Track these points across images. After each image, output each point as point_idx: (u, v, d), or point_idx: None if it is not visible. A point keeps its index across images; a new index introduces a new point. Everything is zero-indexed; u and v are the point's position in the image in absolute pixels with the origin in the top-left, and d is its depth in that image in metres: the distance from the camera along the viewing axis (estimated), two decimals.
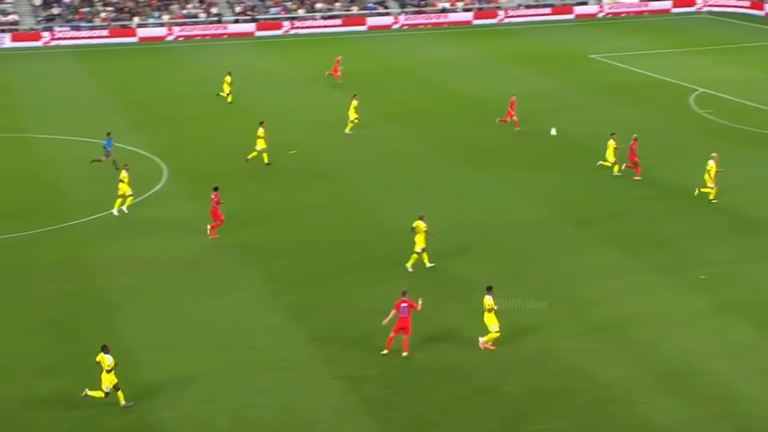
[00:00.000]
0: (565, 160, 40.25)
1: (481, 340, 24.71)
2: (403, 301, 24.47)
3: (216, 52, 65.54)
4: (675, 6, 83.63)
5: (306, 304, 27.50)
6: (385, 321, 24.45)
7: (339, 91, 52.56)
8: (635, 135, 38.27)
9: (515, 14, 79.04)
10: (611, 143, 37.75)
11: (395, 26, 75.71)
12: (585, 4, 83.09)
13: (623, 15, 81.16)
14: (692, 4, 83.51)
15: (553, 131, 43.45)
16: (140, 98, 52.32)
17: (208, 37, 71.20)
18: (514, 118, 44.17)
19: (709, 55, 62.47)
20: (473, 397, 23.02)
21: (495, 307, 24.57)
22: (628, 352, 24.69)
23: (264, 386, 23.54)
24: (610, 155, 37.67)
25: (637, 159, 37.44)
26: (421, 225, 29.34)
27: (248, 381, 23.70)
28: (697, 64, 60.02)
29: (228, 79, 50.60)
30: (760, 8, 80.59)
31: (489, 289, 24.81)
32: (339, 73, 54.63)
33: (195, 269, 29.84)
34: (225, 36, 71.59)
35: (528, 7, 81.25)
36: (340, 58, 55.97)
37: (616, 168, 37.68)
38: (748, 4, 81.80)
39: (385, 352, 24.44)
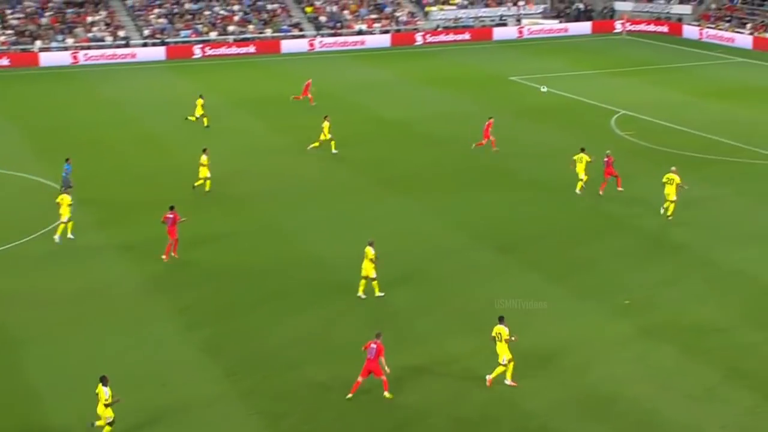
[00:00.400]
0: (487, 182, 40.62)
1: (488, 377, 24.30)
2: (373, 343, 23.80)
3: (124, 77, 64.79)
4: (595, 29, 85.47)
5: (221, 337, 27.14)
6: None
7: (255, 117, 52.37)
8: (609, 151, 39.15)
9: (433, 40, 79.81)
10: (584, 157, 38.42)
11: (311, 49, 75.85)
12: (504, 25, 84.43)
13: (543, 36, 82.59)
14: (612, 26, 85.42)
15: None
16: (44, 125, 51.39)
17: (115, 61, 70.36)
18: (491, 138, 44.66)
19: (629, 77, 63.78)
20: (396, 430, 22.89)
21: (512, 338, 24.13)
22: (553, 380, 24.86)
23: (177, 425, 23.09)
24: (581, 171, 38.39)
25: (615, 172, 38.28)
26: (369, 251, 29.24)
27: (160, 419, 23.23)
28: (618, 85, 61.23)
29: (200, 101, 50.18)
30: (679, 32, 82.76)
31: (501, 320, 24.43)
32: (310, 95, 54.50)
33: (104, 302, 29.26)
34: (132, 60, 70.81)
35: (446, 29, 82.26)
36: (309, 81, 55.82)
37: (579, 185, 38.28)
38: (666, 29, 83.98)
39: (350, 396, 23.86)
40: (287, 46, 75.42)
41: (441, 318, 28.11)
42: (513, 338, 24.41)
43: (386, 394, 23.90)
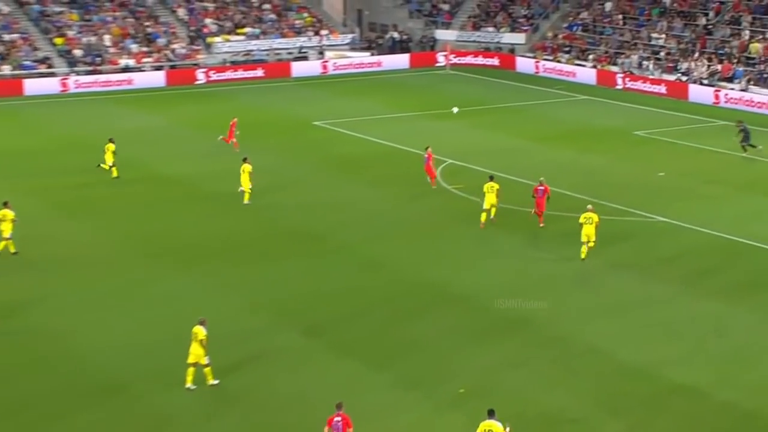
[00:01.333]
0: (290, 250, 40.60)
1: None
2: (337, 415, 25.09)
3: None
4: (414, 62, 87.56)
5: None
6: None
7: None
8: (542, 178, 42.87)
9: (219, 78, 79.87)
10: (495, 186, 43.15)
11: (64, 90, 74.40)
12: (305, 59, 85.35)
13: (352, 71, 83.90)
14: (433, 59, 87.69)
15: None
16: None
17: None
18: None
19: (455, 119, 65.37)
20: None
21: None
22: None
23: None
24: (492, 200, 42.83)
25: (542, 209, 42.69)
26: (200, 332, 29.17)
27: None
28: (443, 129, 62.67)
29: (111, 147, 50.18)
30: (512, 64, 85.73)
31: (491, 414, 24.71)
32: (235, 139, 55.20)
33: None
34: None
35: (235, 65, 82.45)
36: (235, 120, 56.00)
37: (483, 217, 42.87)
38: (496, 62, 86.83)
39: None
40: (32, 86, 73.70)
41: (238, 420, 27.63)
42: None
43: None
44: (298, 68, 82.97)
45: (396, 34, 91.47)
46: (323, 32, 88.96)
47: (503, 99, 73.36)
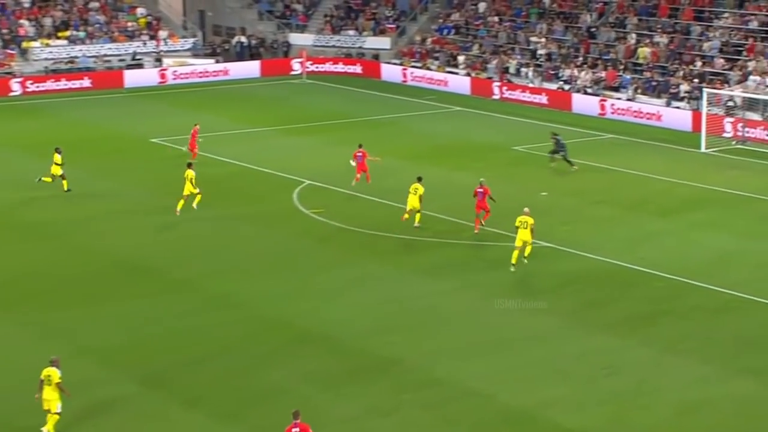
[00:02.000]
0: (123, 287, 40.15)
1: None
2: (295, 426, 26.51)
3: None
4: (266, 70, 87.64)
5: None
6: None
7: None
8: (482, 179, 46.01)
9: (38, 89, 78.76)
10: (419, 187, 46.05)
11: None
12: (140, 66, 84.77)
13: (195, 80, 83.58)
14: (288, 66, 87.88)
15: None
16: None
17: None
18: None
19: (314, 135, 65.63)
20: None
21: None
22: None
23: None
24: (415, 204, 45.98)
25: (486, 209, 45.67)
26: (54, 373, 29.17)
27: None
28: (300, 146, 62.81)
29: (58, 158, 50.95)
30: (376, 72, 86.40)
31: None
32: (196, 149, 57.55)
33: None
34: None
35: (56, 73, 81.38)
36: (197, 127, 57.51)
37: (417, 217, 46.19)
38: (359, 69, 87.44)
39: None
40: None
41: None
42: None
43: None
44: (132, 77, 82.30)
45: (244, 39, 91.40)
46: (161, 36, 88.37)
47: (367, 111, 73.79)
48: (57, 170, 51.52)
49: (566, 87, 76.53)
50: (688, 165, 58.83)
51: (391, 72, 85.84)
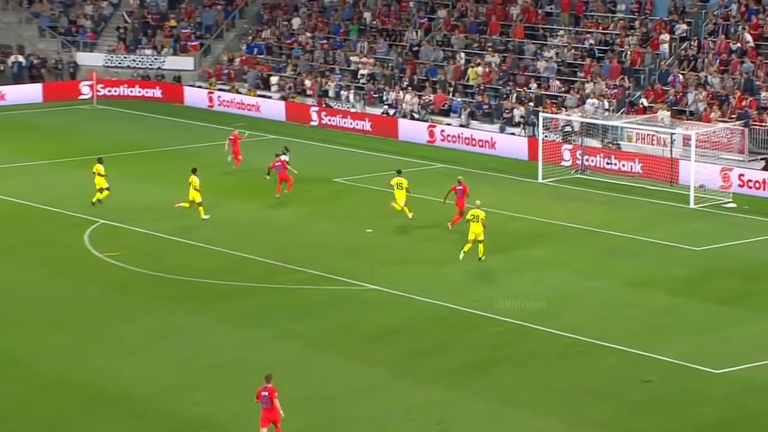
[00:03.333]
0: None
1: None
2: (263, 389, 30.90)
3: None
4: (49, 94, 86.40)
5: None
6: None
7: None
8: (460, 177, 51.98)
9: None
10: (402, 181, 52.45)
11: None
12: None
13: None
14: (76, 90, 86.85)
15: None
16: None
17: None
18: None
19: (107, 167, 64.97)
20: None
21: None
22: None
23: None
24: (401, 198, 52.45)
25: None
26: None
27: None
28: (90, 181, 61.99)
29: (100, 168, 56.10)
30: (179, 96, 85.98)
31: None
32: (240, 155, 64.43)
33: None
34: None
35: None
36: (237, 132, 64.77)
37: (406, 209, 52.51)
38: (159, 93, 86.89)
39: None
40: None
41: None
42: None
43: None
44: None
45: (22, 59, 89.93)
46: None
47: (168, 140, 73.32)
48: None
49: (391, 112, 77.26)
50: (525, 196, 59.90)
51: (195, 96, 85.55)
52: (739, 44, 69.40)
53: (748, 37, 69.63)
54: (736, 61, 68.61)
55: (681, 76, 69.31)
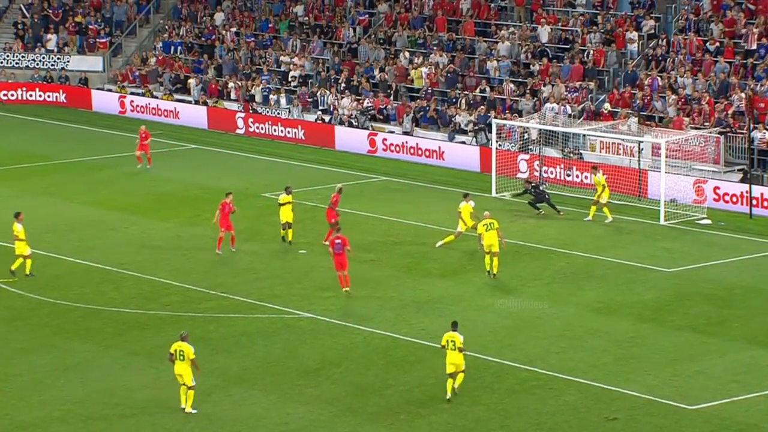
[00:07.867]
0: None
1: None
2: (337, 238, 43.77)
3: None
4: None
5: None
6: None
7: None
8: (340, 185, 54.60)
9: None
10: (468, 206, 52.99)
11: None
12: None
13: None
14: None
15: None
16: None
17: None
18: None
19: (4, 183, 64.69)
20: None
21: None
22: None
23: None
24: (467, 218, 52.82)
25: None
26: None
27: None
28: None
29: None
30: (86, 101, 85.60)
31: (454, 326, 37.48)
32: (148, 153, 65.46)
33: None
34: None
35: None
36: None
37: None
38: (63, 97, 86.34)
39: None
40: None
41: None
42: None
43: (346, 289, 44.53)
44: None
45: None
46: None
47: (72, 152, 73.02)
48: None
49: (327, 118, 77.21)
50: (476, 212, 59.88)
51: (105, 101, 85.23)
52: (715, 42, 69.78)
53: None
54: (709, 60, 69.01)
55: (657, 80, 69.24)
